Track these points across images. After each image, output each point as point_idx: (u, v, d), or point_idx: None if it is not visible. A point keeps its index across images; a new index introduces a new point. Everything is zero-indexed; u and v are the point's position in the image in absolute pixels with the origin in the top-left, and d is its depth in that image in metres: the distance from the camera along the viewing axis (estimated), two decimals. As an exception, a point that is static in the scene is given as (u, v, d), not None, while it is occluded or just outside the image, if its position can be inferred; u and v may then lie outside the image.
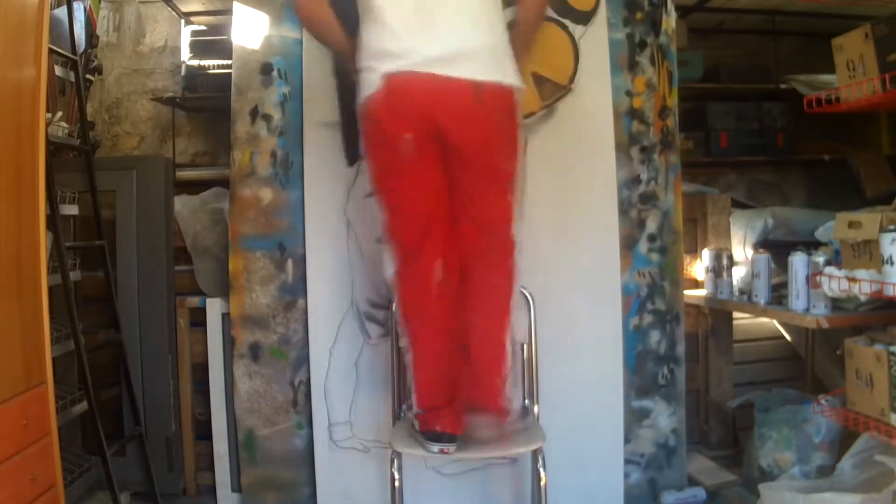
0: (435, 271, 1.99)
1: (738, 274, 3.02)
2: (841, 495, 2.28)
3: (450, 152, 1.92)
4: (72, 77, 2.75)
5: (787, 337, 3.36)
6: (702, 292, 3.13)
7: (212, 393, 2.84)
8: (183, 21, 3.40)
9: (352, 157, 2.62)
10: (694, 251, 3.26)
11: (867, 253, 2.24)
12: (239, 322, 2.64)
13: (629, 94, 2.71)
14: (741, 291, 2.97)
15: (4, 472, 1.77)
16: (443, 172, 1.96)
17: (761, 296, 2.75)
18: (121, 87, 3.54)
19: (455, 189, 1.98)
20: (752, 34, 3.77)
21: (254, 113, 2.64)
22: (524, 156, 2.02)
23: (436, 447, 2.02)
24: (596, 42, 2.67)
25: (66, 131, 2.67)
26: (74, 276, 2.60)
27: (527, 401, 2.35)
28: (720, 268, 3.01)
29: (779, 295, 2.74)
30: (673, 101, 2.77)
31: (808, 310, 2.51)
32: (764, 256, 2.77)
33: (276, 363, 2.65)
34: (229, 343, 2.72)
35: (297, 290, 2.63)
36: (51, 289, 2.27)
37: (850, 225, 2.29)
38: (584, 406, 2.60)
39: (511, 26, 2.06)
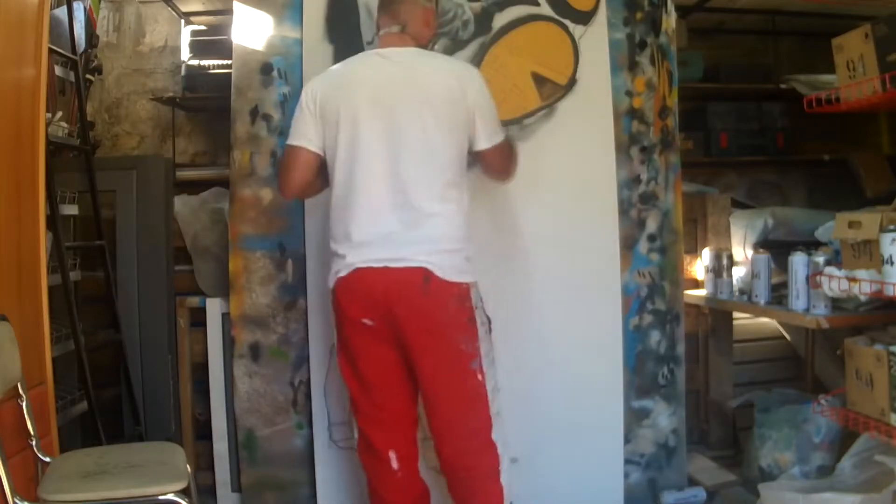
0: (391, 461, 2.10)
1: (738, 274, 3.02)
2: (841, 495, 2.28)
3: (406, 338, 2.01)
4: (72, 77, 2.75)
5: (787, 337, 3.36)
6: (702, 292, 3.13)
7: (212, 393, 2.84)
8: (183, 21, 3.39)
9: (352, 157, 2.62)
10: (694, 251, 3.26)
11: (867, 253, 2.24)
12: (239, 322, 2.64)
13: (629, 94, 2.71)
14: (741, 291, 2.97)
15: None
16: (401, 356, 2.06)
17: (761, 296, 2.75)
18: (121, 87, 3.54)
19: (416, 372, 2.05)
20: (752, 34, 3.77)
21: (254, 113, 2.64)
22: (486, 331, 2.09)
23: None
24: (596, 42, 2.67)
25: (66, 131, 2.67)
26: (74, 276, 2.60)
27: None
28: (720, 268, 3.01)
29: (779, 295, 2.74)
30: (673, 101, 2.77)
31: (808, 310, 2.51)
32: (764, 256, 2.77)
33: (276, 363, 2.65)
34: (229, 343, 2.72)
35: (297, 290, 2.63)
36: (51, 289, 2.27)
37: (850, 225, 2.29)
38: (584, 406, 2.60)
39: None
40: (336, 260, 2.07)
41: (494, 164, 2.18)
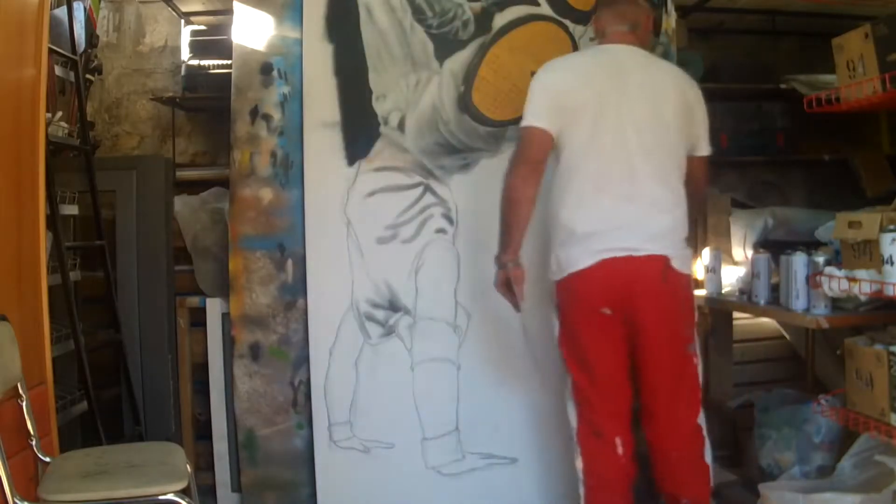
0: (617, 447, 2.16)
1: (738, 274, 3.02)
2: (841, 495, 2.28)
3: (638, 322, 2.11)
4: (72, 77, 2.75)
5: (787, 337, 3.36)
6: (702, 292, 3.13)
7: (212, 393, 2.84)
8: (183, 21, 3.39)
9: (351, 156, 2.62)
10: (694, 251, 3.26)
11: (867, 253, 2.23)
12: (239, 322, 2.64)
13: (629, 94, 2.71)
14: (741, 291, 2.96)
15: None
16: (628, 344, 2.16)
17: (761, 296, 2.74)
18: (121, 87, 3.54)
19: (640, 353, 2.16)
20: (752, 34, 3.76)
21: (254, 113, 2.64)
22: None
23: None
24: (596, 42, 2.67)
25: (66, 131, 2.66)
26: (74, 276, 2.60)
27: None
28: (721, 268, 3.01)
29: (778, 295, 2.73)
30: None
31: (808, 310, 2.51)
32: (764, 256, 2.76)
33: (276, 363, 2.65)
34: (229, 343, 2.72)
35: (297, 290, 2.63)
36: (51, 289, 2.27)
37: (850, 225, 2.29)
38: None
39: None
40: (572, 250, 2.12)
41: (701, 174, 2.30)
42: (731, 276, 3.05)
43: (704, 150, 2.28)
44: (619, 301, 2.10)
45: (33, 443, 1.94)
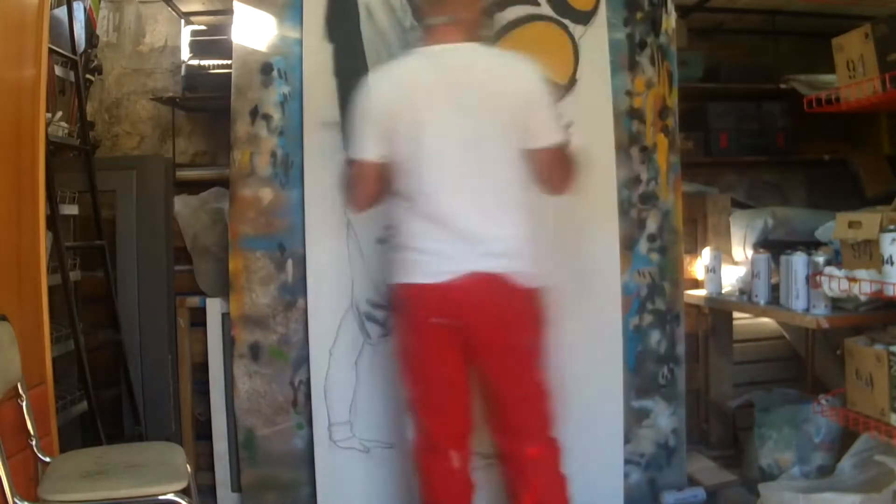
0: (452, 460, 2.08)
1: (738, 274, 3.02)
2: (841, 495, 2.29)
3: (474, 338, 2.03)
4: (72, 77, 2.75)
5: (787, 337, 3.36)
6: (702, 292, 3.13)
7: (212, 393, 2.84)
8: (183, 21, 3.39)
9: (352, 157, 2.62)
10: (694, 251, 3.26)
11: (867, 253, 2.24)
12: (239, 322, 2.64)
13: (629, 94, 2.71)
14: (741, 291, 2.97)
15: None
16: (465, 360, 2.06)
17: (761, 296, 2.75)
18: (121, 87, 3.54)
19: (482, 371, 2.08)
20: (752, 34, 3.76)
21: (254, 113, 2.64)
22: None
23: None
24: (596, 42, 2.67)
25: (66, 131, 2.67)
26: (74, 276, 2.60)
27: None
28: (721, 268, 3.01)
29: (779, 295, 2.74)
30: (673, 101, 2.77)
31: (808, 310, 2.51)
32: (764, 256, 2.77)
33: (276, 363, 2.65)
34: (229, 343, 2.72)
35: (297, 290, 2.63)
36: (51, 289, 2.27)
37: (850, 225, 2.29)
38: (584, 406, 2.60)
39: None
40: (412, 264, 2.04)
41: (551, 165, 2.06)
42: (731, 276, 3.06)
43: (547, 139, 2.02)
44: (453, 314, 2.01)
45: (33, 443, 1.94)
